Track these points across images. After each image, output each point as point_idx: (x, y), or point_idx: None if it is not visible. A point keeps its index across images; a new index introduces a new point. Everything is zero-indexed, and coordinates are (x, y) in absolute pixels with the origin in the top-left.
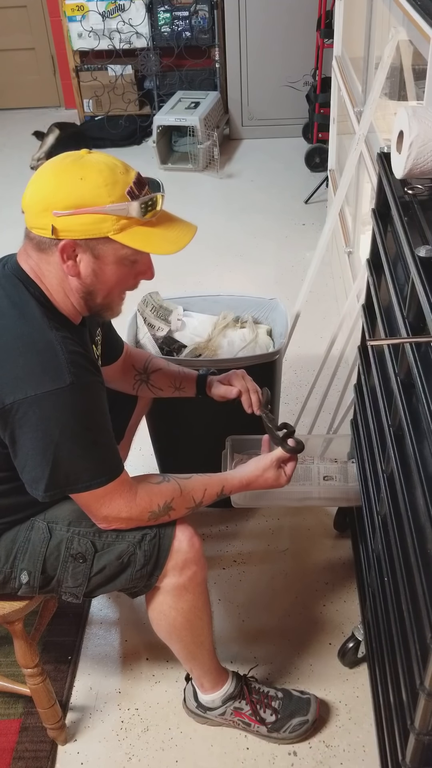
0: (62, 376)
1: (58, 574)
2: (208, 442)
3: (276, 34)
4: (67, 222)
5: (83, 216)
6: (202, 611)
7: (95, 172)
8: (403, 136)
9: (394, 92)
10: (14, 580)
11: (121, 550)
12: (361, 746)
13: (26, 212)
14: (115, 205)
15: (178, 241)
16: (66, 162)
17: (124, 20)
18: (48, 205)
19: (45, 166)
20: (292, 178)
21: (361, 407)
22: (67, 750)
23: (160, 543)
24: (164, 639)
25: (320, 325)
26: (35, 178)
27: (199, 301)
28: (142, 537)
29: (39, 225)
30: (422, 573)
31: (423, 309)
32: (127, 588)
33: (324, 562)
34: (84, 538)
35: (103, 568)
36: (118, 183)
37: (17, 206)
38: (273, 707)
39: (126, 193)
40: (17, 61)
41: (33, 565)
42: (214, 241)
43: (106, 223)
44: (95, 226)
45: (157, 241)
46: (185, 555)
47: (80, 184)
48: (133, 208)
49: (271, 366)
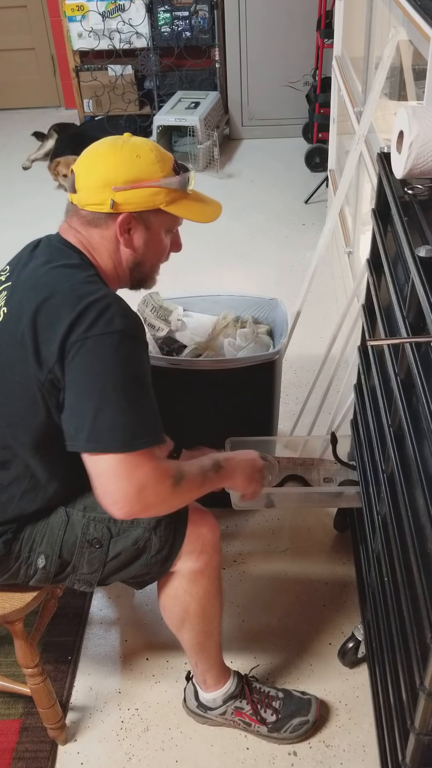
0: (114, 321)
1: (74, 560)
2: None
3: (276, 34)
4: (126, 196)
5: (141, 190)
6: (215, 598)
7: (147, 150)
8: (403, 136)
9: (394, 92)
10: (30, 566)
11: (137, 536)
12: (361, 746)
13: (81, 191)
14: (167, 179)
15: (215, 212)
16: (118, 143)
17: (124, 20)
18: (108, 180)
19: (95, 150)
20: (292, 178)
21: (361, 407)
22: (67, 750)
23: (176, 529)
24: (174, 627)
25: (320, 325)
26: (88, 161)
27: (199, 301)
28: (157, 522)
29: (96, 201)
30: (422, 573)
31: (423, 309)
32: (140, 575)
33: (324, 562)
34: (100, 524)
35: (118, 553)
36: (166, 160)
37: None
38: (274, 707)
39: (172, 169)
40: (17, 61)
41: (51, 548)
42: (215, 240)
43: (159, 196)
44: (150, 198)
45: (200, 212)
46: (204, 539)
47: (137, 161)
48: (182, 180)
49: (271, 366)
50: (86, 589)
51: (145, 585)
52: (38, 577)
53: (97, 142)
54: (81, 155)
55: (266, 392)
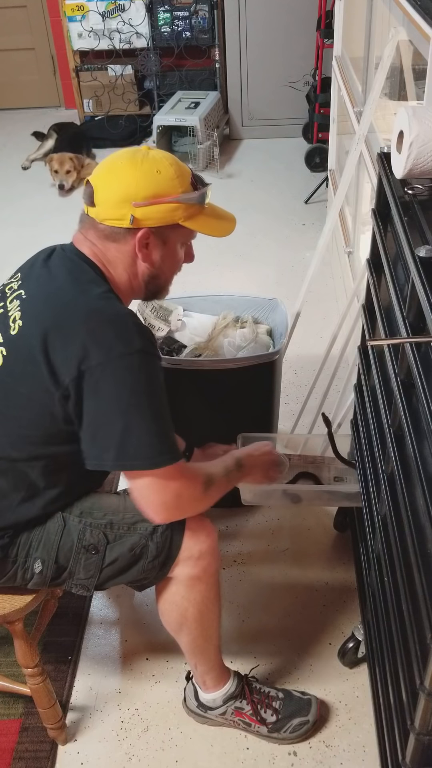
0: (133, 341)
1: (71, 566)
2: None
3: (276, 34)
4: (146, 211)
5: (160, 206)
6: (213, 603)
7: (167, 165)
8: (403, 136)
9: (394, 92)
10: (27, 570)
11: (133, 542)
12: (361, 746)
13: (100, 205)
14: (186, 195)
15: (230, 226)
16: (137, 158)
17: (124, 20)
18: (128, 196)
19: (114, 163)
20: (292, 178)
21: (361, 407)
22: (67, 750)
23: (172, 535)
24: (173, 631)
25: (320, 325)
26: (107, 175)
27: (199, 301)
28: (154, 529)
29: (116, 216)
30: (422, 573)
31: (423, 309)
32: (137, 580)
33: (324, 562)
34: (96, 530)
35: (115, 559)
36: (185, 174)
37: (17, 206)
38: (274, 707)
39: (190, 183)
40: (17, 61)
41: (47, 554)
42: (215, 241)
43: (178, 212)
44: (169, 213)
45: (217, 227)
46: (201, 546)
47: (157, 176)
48: (201, 196)
49: (271, 366)
50: (83, 593)
51: (145, 588)
52: (35, 581)
53: (115, 154)
54: (98, 167)
55: (266, 392)
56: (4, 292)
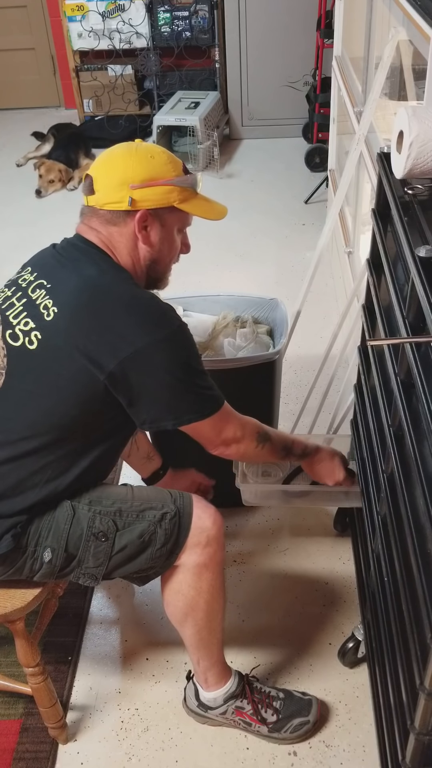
0: (171, 320)
1: (80, 554)
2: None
3: (276, 34)
4: (143, 193)
5: (156, 188)
6: (219, 593)
7: (159, 152)
8: (403, 136)
9: (394, 92)
10: (36, 560)
11: (142, 529)
12: (361, 746)
13: (99, 191)
14: (180, 178)
15: (222, 210)
16: (132, 147)
17: (124, 20)
18: (125, 179)
19: (111, 154)
20: (292, 178)
21: (361, 407)
22: (67, 750)
23: (180, 522)
24: (177, 622)
25: (320, 325)
26: (105, 164)
27: (199, 301)
28: (162, 516)
29: (115, 199)
30: (422, 573)
31: (423, 309)
32: (144, 569)
33: (324, 562)
34: (105, 517)
35: (124, 547)
36: (177, 161)
37: (17, 205)
38: (274, 707)
39: (182, 170)
40: (17, 61)
41: (57, 542)
42: (215, 240)
43: (173, 194)
44: (165, 195)
45: (210, 210)
46: (208, 532)
47: (151, 161)
48: (192, 180)
49: (271, 366)
50: (91, 583)
51: (149, 580)
52: (43, 571)
53: (111, 148)
54: (95, 161)
55: (266, 392)
56: (18, 284)
